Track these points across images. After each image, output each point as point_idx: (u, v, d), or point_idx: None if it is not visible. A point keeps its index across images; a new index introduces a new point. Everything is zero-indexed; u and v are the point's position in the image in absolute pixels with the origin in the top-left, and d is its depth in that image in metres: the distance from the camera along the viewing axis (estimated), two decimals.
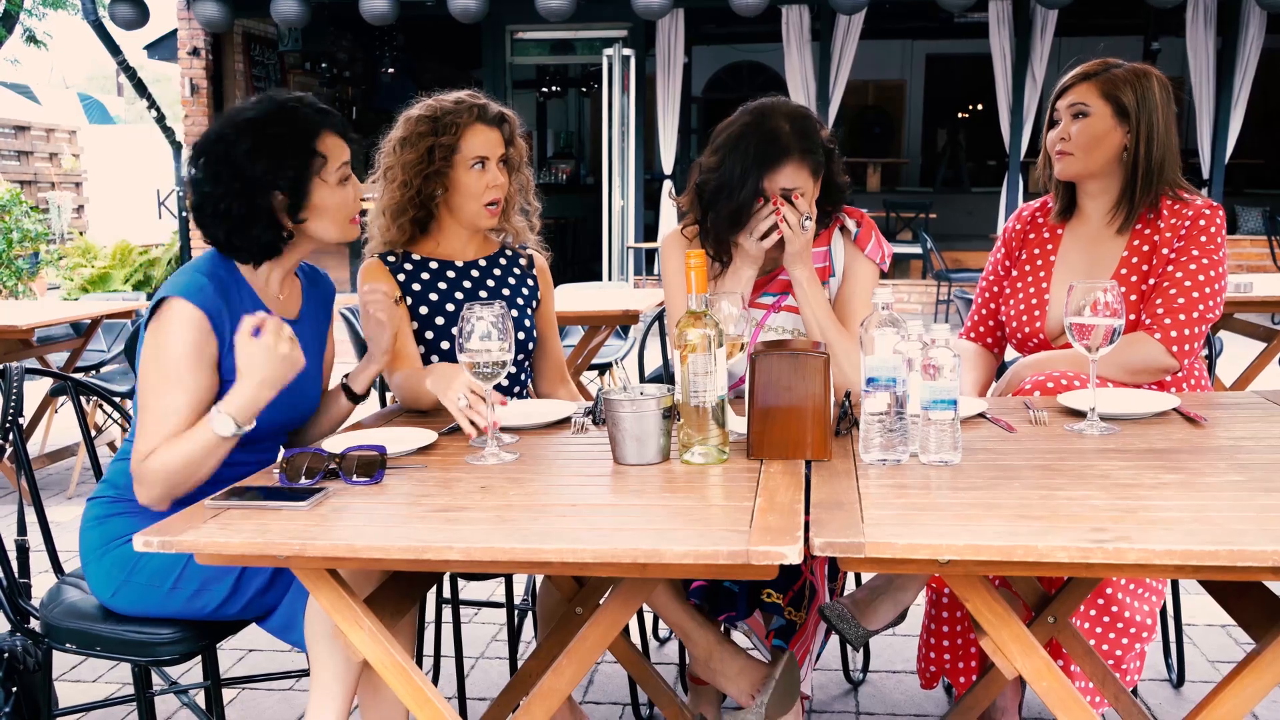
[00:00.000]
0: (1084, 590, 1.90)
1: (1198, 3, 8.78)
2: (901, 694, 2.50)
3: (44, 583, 2.11)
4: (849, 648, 2.56)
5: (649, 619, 2.76)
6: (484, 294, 2.25)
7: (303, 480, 1.54)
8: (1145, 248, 2.19)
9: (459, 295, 2.23)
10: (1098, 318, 1.70)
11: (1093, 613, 2.01)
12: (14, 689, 2.02)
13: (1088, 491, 1.41)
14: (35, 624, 1.92)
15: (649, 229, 10.39)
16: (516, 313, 2.26)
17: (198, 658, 2.09)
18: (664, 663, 2.73)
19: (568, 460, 1.72)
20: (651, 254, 9.65)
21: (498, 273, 2.30)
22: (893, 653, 2.69)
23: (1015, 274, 2.36)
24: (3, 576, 1.91)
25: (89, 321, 4.61)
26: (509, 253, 2.35)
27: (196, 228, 1.87)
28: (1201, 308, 2.09)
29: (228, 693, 2.57)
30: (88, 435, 2.21)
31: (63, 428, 5.18)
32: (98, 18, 9.16)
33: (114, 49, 9.44)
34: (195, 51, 9.64)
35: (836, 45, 9.28)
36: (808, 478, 1.53)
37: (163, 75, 16.83)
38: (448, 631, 2.73)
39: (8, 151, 12.98)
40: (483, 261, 2.29)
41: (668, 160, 9.66)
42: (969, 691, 2.01)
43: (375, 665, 1.46)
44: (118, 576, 1.82)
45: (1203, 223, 2.15)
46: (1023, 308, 2.30)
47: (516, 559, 1.30)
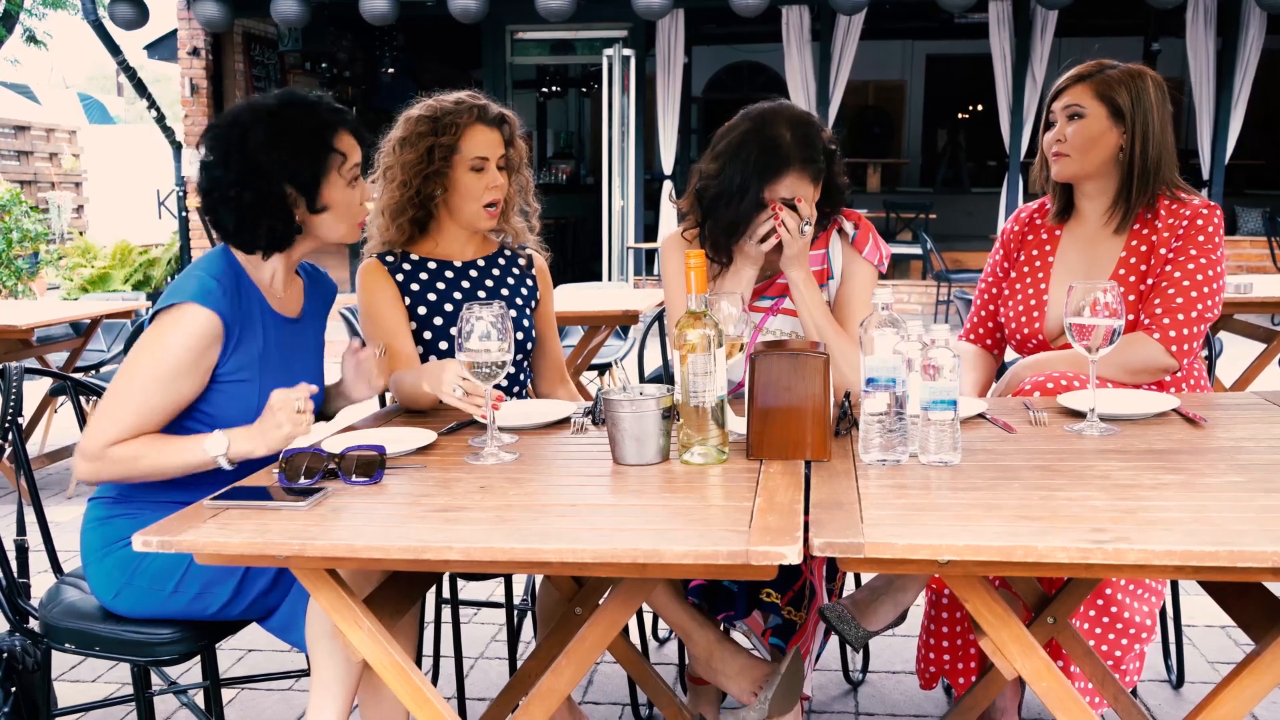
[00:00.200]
0: (1083, 591, 1.90)
1: (1198, 3, 8.78)
2: (901, 694, 2.50)
3: (43, 583, 2.11)
4: (848, 648, 2.55)
5: (648, 619, 2.76)
6: (482, 294, 2.25)
7: (302, 480, 1.54)
8: (1143, 248, 2.19)
9: (457, 295, 2.23)
10: (1097, 318, 1.71)
11: (1092, 613, 2.01)
12: (13, 689, 2.01)
13: (1087, 492, 1.41)
14: (34, 624, 1.92)
15: (649, 229, 10.39)
16: (515, 312, 2.25)
17: (197, 658, 2.09)
18: (663, 663, 2.73)
19: (567, 460, 1.72)
20: (651, 254, 9.65)
21: (496, 272, 2.30)
22: (892, 653, 2.69)
23: (1014, 275, 2.36)
24: (2, 576, 1.91)
25: (88, 321, 4.61)
26: (508, 252, 2.35)
27: (204, 214, 1.86)
28: (1200, 307, 2.09)
29: (227, 693, 2.57)
30: None
31: (62, 427, 5.18)
32: (98, 18, 9.16)
33: (114, 49, 9.44)
34: (195, 51, 9.65)
35: (836, 45, 9.28)
36: (807, 478, 1.53)
37: (163, 75, 16.83)
38: (447, 631, 2.73)
39: (7, 151, 12.98)
40: (481, 261, 2.29)
41: (668, 160, 9.66)
42: (968, 692, 2.01)
43: (374, 665, 1.46)
44: (119, 578, 1.82)
45: (1200, 222, 2.15)
46: (1021, 309, 2.30)
47: (516, 559, 1.30)
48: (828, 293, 2.18)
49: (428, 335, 2.21)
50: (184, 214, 9.78)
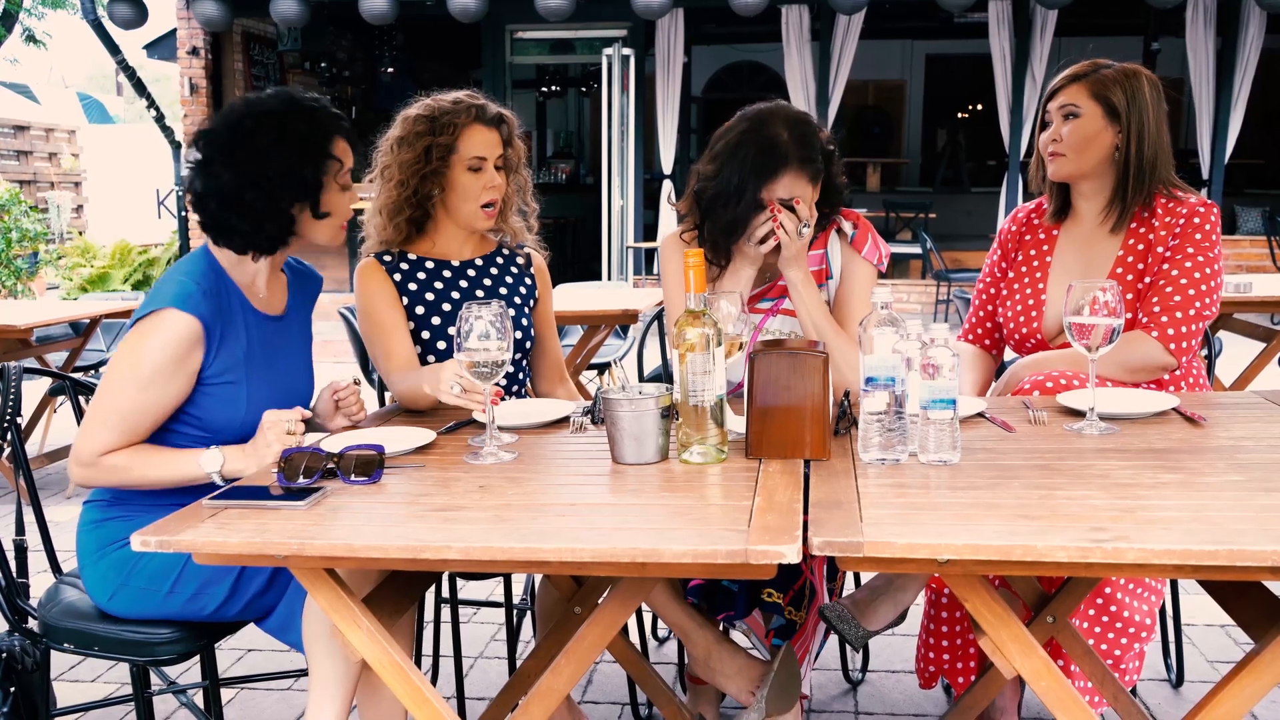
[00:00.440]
0: (1083, 590, 1.90)
1: (1197, 3, 8.77)
2: (900, 694, 2.50)
3: (42, 582, 2.11)
4: (848, 648, 2.55)
5: (648, 618, 2.76)
6: (480, 293, 2.25)
7: (301, 479, 1.54)
8: (1140, 246, 2.19)
9: (455, 294, 2.22)
10: (1097, 317, 1.71)
11: (1092, 612, 2.01)
12: (12, 689, 2.01)
13: (1087, 491, 1.41)
14: (33, 624, 1.92)
15: (648, 229, 10.39)
16: (514, 311, 2.25)
17: (196, 658, 2.09)
18: (663, 662, 2.73)
19: (566, 460, 1.72)
20: (651, 253, 9.65)
21: (494, 271, 2.29)
22: (892, 652, 2.69)
23: (1012, 275, 2.36)
24: (1, 576, 1.91)
25: (88, 321, 4.61)
26: (506, 251, 2.34)
27: (195, 211, 1.84)
28: (1198, 305, 2.10)
29: (226, 692, 2.57)
30: None
31: (61, 427, 5.17)
32: (97, 17, 9.15)
33: (113, 48, 9.43)
34: (194, 51, 9.64)
35: (836, 45, 9.27)
36: (806, 477, 1.53)
37: (162, 75, 16.83)
38: (446, 631, 2.72)
39: (7, 151, 12.97)
40: (479, 261, 2.29)
41: (667, 160, 9.66)
42: (968, 691, 2.01)
43: (373, 665, 1.46)
44: (114, 580, 1.81)
45: (1197, 220, 2.15)
46: (1020, 309, 2.30)
47: (515, 558, 1.29)
48: (826, 293, 2.18)
49: (425, 335, 2.20)
50: (183, 214, 9.77)
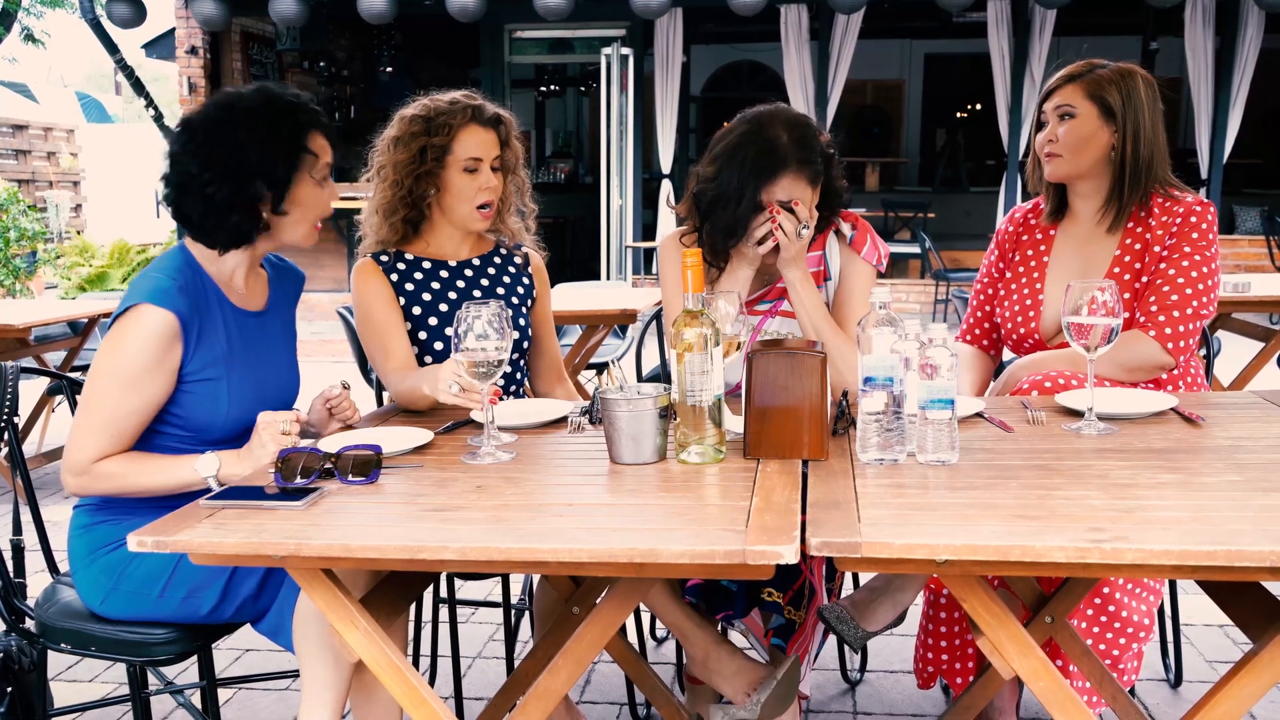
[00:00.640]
0: (1082, 590, 1.90)
1: (1196, 3, 8.77)
2: (899, 694, 2.50)
3: (39, 582, 2.11)
4: (847, 648, 2.55)
5: (646, 618, 2.75)
6: (478, 293, 2.24)
7: (298, 479, 1.53)
8: (1137, 246, 2.19)
9: (452, 295, 2.22)
10: (1095, 317, 1.71)
11: (1090, 612, 2.01)
12: (9, 689, 2.01)
13: (1085, 491, 1.40)
14: (30, 624, 1.92)
15: (647, 228, 10.39)
16: (511, 311, 2.25)
17: (193, 658, 2.09)
18: (661, 662, 2.73)
19: (564, 460, 1.71)
20: (650, 253, 9.64)
21: (492, 271, 2.29)
22: (890, 652, 2.69)
23: (1009, 275, 2.36)
24: None
25: (86, 321, 4.60)
26: (504, 251, 2.34)
27: (166, 204, 1.84)
28: (1196, 304, 2.10)
29: (223, 693, 2.57)
30: None
31: (59, 427, 5.17)
32: (95, 16, 9.14)
33: (112, 48, 9.42)
34: (193, 50, 9.62)
35: (835, 44, 9.27)
36: (804, 477, 1.52)
37: (161, 74, 16.84)
38: (444, 631, 2.72)
39: (5, 150, 12.97)
40: (476, 261, 2.29)
41: (666, 159, 9.65)
42: (966, 691, 2.01)
43: (371, 665, 1.46)
44: (105, 584, 1.81)
45: (1194, 219, 2.15)
46: (1017, 309, 2.30)
47: (513, 559, 1.29)
48: (825, 293, 2.18)
49: (423, 335, 2.20)
50: None
